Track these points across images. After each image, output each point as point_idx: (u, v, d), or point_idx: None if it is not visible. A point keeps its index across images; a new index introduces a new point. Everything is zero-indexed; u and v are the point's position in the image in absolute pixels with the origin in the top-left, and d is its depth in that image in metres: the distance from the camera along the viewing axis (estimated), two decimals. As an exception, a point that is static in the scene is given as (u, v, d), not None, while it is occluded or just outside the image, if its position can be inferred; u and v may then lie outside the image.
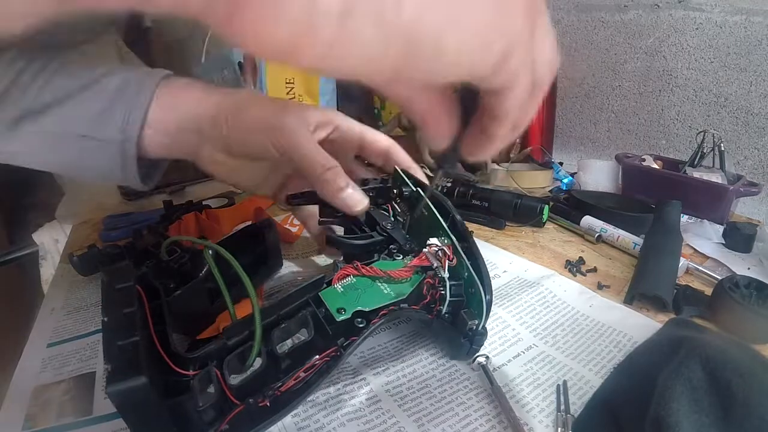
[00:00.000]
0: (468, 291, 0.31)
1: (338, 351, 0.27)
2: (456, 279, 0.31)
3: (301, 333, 0.28)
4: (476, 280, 0.30)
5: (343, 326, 0.27)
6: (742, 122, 0.69)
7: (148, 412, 0.22)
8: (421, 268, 0.31)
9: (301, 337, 0.27)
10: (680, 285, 0.43)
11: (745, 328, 0.36)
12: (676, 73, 0.75)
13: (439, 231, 0.32)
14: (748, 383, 0.24)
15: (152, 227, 0.48)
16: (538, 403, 0.30)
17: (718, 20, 0.69)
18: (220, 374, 0.25)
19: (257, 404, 0.24)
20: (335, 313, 0.27)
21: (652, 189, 0.61)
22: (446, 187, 0.63)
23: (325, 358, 0.26)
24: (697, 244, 0.52)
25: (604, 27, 0.81)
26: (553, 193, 0.70)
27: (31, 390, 0.33)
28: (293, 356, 0.26)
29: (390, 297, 0.29)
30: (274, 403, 0.25)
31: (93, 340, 0.38)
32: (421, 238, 0.33)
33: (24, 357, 0.37)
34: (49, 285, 0.50)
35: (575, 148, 0.91)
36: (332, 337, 0.27)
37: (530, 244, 0.54)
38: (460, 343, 0.31)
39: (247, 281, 0.29)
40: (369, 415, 0.29)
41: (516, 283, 0.44)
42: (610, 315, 0.39)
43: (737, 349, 0.29)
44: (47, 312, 0.43)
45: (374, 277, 0.30)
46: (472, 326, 0.30)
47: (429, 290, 0.30)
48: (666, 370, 0.26)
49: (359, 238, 0.35)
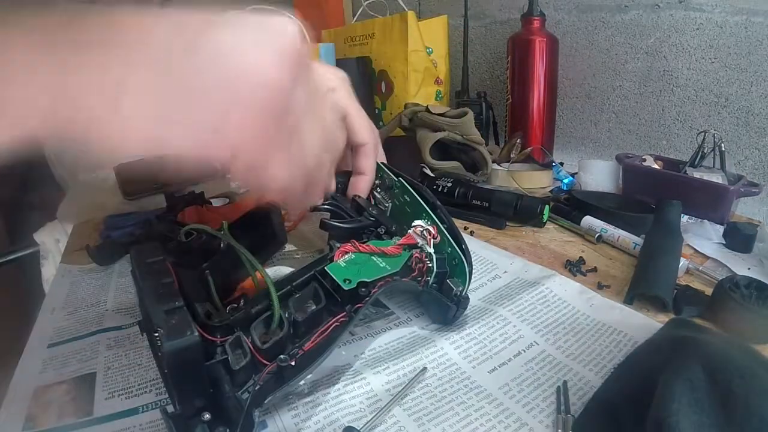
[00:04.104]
0: (451, 263, 0.36)
1: (348, 315, 0.30)
2: (439, 254, 0.36)
3: (313, 301, 0.32)
4: (459, 254, 0.35)
5: (349, 294, 0.31)
6: (742, 122, 0.69)
7: (194, 372, 0.24)
8: (408, 246, 0.35)
9: (314, 305, 0.31)
10: (680, 285, 0.43)
11: (746, 329, 0.36)
12: (677, 74, 0.75)
13: (423, 214, 0.37)
14: (748, 383, 0.24)
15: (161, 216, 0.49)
16: (539, 403, 0.30)
17: (718, 20, 0.69)
18: (248, 339, 0.27)
19: (288, 363, 0.27)
20: (342, 282, 0.31)
21: (652, 189, 0.61)
22: (447, 187, 0.63)
23: (336, 322, 0.30)
24: (697, 244, 0.52)
25: (605, 27, 0.81)
26: (554, 193, 0.70)
27: (31, 390, 0.33)
28: (309, 322, 0.30)
29: (386, 270, 0.33)
30: (298, 363, 0.27)
31: (94, 341, 0.38)
32: (402, 222, 0.38)
33: (24, 357, 0.37)
34: (49, 285, 0.50)
35: (576, 148, 0.91)
36: (341, 304, 0.31)
37: (531, 244, 0.54)
38: (447, 307, 0.36)
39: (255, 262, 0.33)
40: (369, 415, 0.29)
41: (516, 283, 0.44)
42: (610, 315, 0.39)
43: (738, 349, 0.29)
44: (48, 312, 0.43)
45: (370, 253, 0.34)
46: (458, 292, 0.36)
47: (417, 264, 0.35)
48: (666, 371, 0.26)
49: (349, 222, 0.38)
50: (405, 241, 0.35)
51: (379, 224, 0.38)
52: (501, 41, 0.97)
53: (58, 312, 0.43)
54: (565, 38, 0.85)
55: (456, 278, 0.36)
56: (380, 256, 0.34)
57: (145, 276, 0.28)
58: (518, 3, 0.89)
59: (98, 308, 0.43)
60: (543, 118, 0.80)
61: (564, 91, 0.88)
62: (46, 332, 0.40)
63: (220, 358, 0.27)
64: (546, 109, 0.80)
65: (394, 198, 0.40)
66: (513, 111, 0.83)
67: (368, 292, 0.31)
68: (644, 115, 0.80)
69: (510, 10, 0.95)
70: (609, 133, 0.86)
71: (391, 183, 0.40)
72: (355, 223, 0.38)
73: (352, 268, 0.32)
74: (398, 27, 0.90)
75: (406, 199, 0.39)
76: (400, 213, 0.39)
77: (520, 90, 0.81)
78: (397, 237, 0.37)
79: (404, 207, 0.39)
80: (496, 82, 1.02)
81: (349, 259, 0.33)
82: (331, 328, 0.30)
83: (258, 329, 0.29)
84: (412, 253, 0.35)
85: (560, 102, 0.88)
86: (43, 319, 0.42)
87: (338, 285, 0.31)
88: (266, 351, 0.27)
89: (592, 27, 0.83)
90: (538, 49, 0.77)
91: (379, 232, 0.38)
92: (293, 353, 0.28)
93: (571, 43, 0.86)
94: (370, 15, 1.07)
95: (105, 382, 0.33)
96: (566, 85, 0.88)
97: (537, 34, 0.78)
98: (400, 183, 0.39)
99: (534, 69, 0.78)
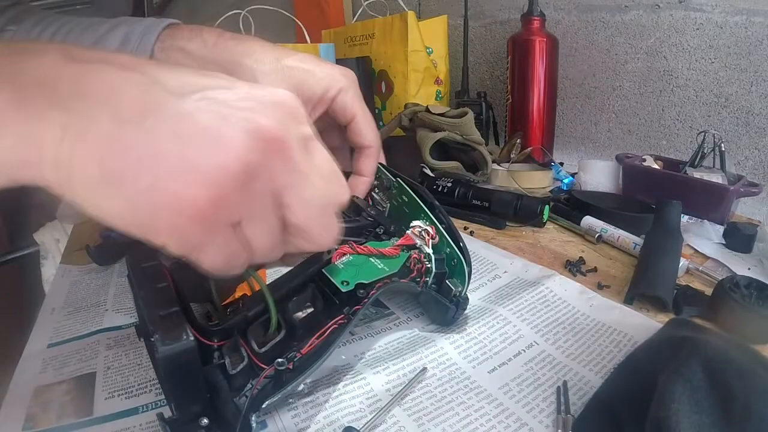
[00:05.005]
0: (450, 264, 0.36)
1: (346, 317, 0.30)
2: (438, 254, 0.36)
3: (311, 304, 0.32)
4: (458, 254, 0.35)
5: (347, 297, 0.31)
6: (742, 122, 0.69)
7: (191, 377, 0.24)
8: (407, 246, 0.35)
9: (311, 307, 0.31)
10: (680, 285, 0.43)
11: (746, 329, 0.36)
12: (677, 74, 0.75)
13: (421, 214, 0.37)
14: (748, 384, 0.24)
15: None
16: (539, 403, 0.30)
17: (718, 20, 0.69)
18: (245, 343, 0.27)
19: (285, 366, 0.27)
20: (340, 285, 0.30)
21: (652, 189, 0.61)
22: (447, 187, 0.63)
23: (334, 325, 0.30)
24: (697, 244, 0.52)
25: (605, 27, 0.81)
26: (554, 193, 0.70)
27: (31, 390, 0.33)
28: (307, 324, 0.30)
29: (384, 271, 0.33)
30: (296, 366, 0.27)
31: (94, 341, 0.38)
32: (400, 223, 0.38)
33: (24, 357, 0.37)
34: (50, 285, 0.50)
35: (576, 148, 0.91)
36: (339, 307, 0.31)
37: (531, 244, 0.54)
38: (447, 308, 0.36)
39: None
40: (369, 416, 0.29)
41: (516, 283, 0.44)
42: (610, 315, 0.39)
43: (738, 349, 0.29)
44: (48, 312, 0.43)
45: (368, 255, 0.34)
46: (457, 293, 0.36)
47: (415, 265, 0.35)
48: (666, 371, 0.26)
49: (348, 222, 0.38)
50: (403, 242, 0.35)
51: (377, 224, 0.38)
52: (501, 41, 0.97)
53: (58, 312, 0.43)
54: (565, 38, 0.85)
55: (455, 279, 0.36)
56: (378, 257, 0.34)
57: (140, 281, 0.27)
58: (518, 3, 0.89)
59: (98, 308, 0.43)
60: (543, 118, 0.80)
61: (564, 91, 0.88)
62: (46, 332, 0.40)
63: (218, 362, 0.26)
64: (546, 109, 0.80)
65: (393, 198, 0.40)
66: (513, 111, 0.83)
67: (366, 294, 0.31)
68: (644, 115, 0.80)
69: (510, 10, 0.95)
70: (609, 133, 0.86)
71: (389, 183, 0.40)
72: (354, 223, 0.38)
73: (350, 269, 0.32)
74: (398, 27, 0.90)
75: (404, 200, 0.39)
76: (399, 213, 0.39)
77: (520, 90, 0.81)
78: (396, 237, 0.37)
79: (402, 207, 0.39)
80: (496, 82, 1.02)
81: (346, 260, 0.33)
82: (330, 330, 0.29)
83: (256, 333, 0.28)
84: (411, 253, 0.35)
85: (560, 102, 0.88)
86: (43, 319, 0.42)
87: (336, 287, 0.30)
88: (264, 355, 0.27)
89: (592, 27, 0.83)
90: (538, 49, 0.77)
91: (378, 232, 0.38)
92: (291, 357, 0.27)
93: (571, 43, 0.86)
94: (370, 15, 1.07)
95: (105, 382, 0.33)
96: (566, 85, 0.88)
97: (537, 34, 0.78)
98: (398, 183, 0.39)
99: (534, 69, 0.78)
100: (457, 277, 0.36)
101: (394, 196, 0.40)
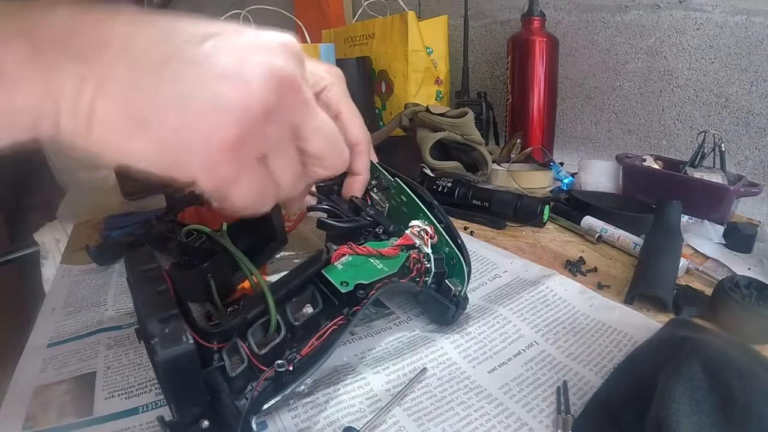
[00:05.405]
0: (449, 263, 0.36)
1: (346, 318, 0.30)
2: (437, 254, 0.36)
3: (311, 305, 0.32)
4: (457, 254, 0.35)
5: (347, 297, 0.31)
6: (742, 122, 0.69)
7: (191, 380, 0.24)
8: (406, 246, 0.35)
9: (311, 309, 0.31)
10: (680, 285, 0.43)
11: (746, 329, 0.36)
12: (677, 74, 0.75)
13: (420, 214, 0.37)
14: (748, 384, 0.24)
15: (160, 217, 0.49)
16: (539, 403, 0.30)
17: (718, 20, 0.69)
18: (245, 345, 0.27)
19: (285, 368, 0.27)
20: (340, 285, 0.30)
21: (652, 189, 0.61)
22: (447, 187, 0.63)
23: (334, 326, 0.30)
24: (697, 244, 0.52)
25: (605, 27, 0.81)
26: (554, 193, 0.69)
27: (31, 390, 0.33)
28: (306, 326, 0.30)
29: (384, 272, 0.33)
30: (296, 367, 0.27)
31: (94, 340, 0.38)
32: (399, 223, 0.38)
33: (24, 357, 0.37)
34: (50, 285, 0.50)
35: (576, 148, 0.91)
36: (339, 307, 0.31)
37: (531, 244, 0.54)
38: (446, 308, 0.36)
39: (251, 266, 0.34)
40: (369, 416, 0.29)
41: (516, 283, 0.44)
42: (610, 315, 0.39)
43: (738, 349, 0.29)
44: (48, 312, 0.43)
45: (367, 255, 0.34)
46: (456, 292, 0.36)
47: (414, 264, 0.35)
48: (666, 371, 0.26)
49: (347, 222, 0.38)
50: (402, 242, 0.35)
51: (377, 224, 0.38)
52: (501, 41, 0.97)
53: (58, 312, 0.43)
54: (565, 38, 0.85)
55: (455, 278, 0.36)
56: (377, 257, 0.33)
57: (139, 284, 0.27)
58: (518, 3, 0.89)
59: (98, 308, 0.43)
60: (543, 118, 0.80)
61: (564, 91, 0.88)
62: (46, 332, 0.40)
63: (217, 364, 0.26)
64: (546, 109, 0.80)
65: (391, 198, 0.40)
66: (513, 111, 0.83)
67: (366, 295, 0.31)
68: (644, 115, 0.80)
69: (510, 10, 0.95)
70: (609, 133, 0.86)
71: (388, 183, 0.40)
72: (353, 223, 0.38)
73: (349, 270, 0.32)
74: (398, 27, 0.90)
75: (403, 199, 0.38)
76: (398, 213, 0.39)
77: (520, 90, 0.81)
78: (395, 237, 0.37)
79: (401, 207, 0.39)
80: (496, 82, 1.02)
81: (346, 261, 0.33)
82: (329, 331, 0.29)
83: (255, 334, 0.28)
84: (410, 253, 0.35)
85: (560, 102, 0.88)
86: (43, 319, 0.42)
87: (336, 288, 0.30)
88: (263, 356, 0.27)
89: (592, 27, 0.83)
90: (539, 49, 0.77)
91: (377, 232, 0.38)
92: (291, 358, 0.27)
93: (571, 43, 0.86)
94: (370, 15, 1.07)
95: (105, 382, 0.33)
96: (566, 85, 0.88)
97: (537, 34, 0.78)
98: (396, 183, 0.39)
99: (534, 69, 0.78)
100: (456, 276, 0.36)
101: (392, 195, 0.40)
